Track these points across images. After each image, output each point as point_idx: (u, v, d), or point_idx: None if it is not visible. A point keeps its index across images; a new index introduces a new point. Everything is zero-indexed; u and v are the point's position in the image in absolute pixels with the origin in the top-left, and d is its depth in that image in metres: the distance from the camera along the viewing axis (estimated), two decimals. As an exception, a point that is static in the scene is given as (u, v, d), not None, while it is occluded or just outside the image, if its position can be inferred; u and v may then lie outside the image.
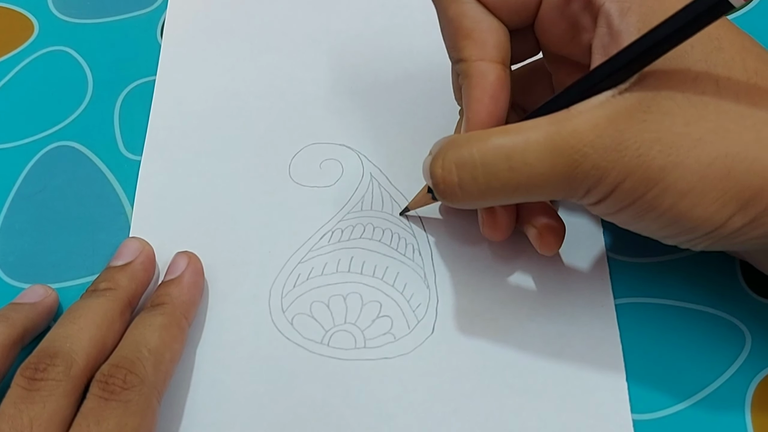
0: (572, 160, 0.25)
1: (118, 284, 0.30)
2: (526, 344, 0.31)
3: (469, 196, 0.27)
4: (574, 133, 0.25)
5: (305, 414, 0.30)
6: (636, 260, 0.33)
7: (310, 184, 0.35)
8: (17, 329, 0.29)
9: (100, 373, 0.27)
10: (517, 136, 0.26)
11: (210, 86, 0.39)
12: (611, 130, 0.24)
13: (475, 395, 0.30)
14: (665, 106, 0.25)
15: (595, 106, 0.25)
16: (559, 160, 0.25)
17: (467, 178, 0.26)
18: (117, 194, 0.36)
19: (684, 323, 0.31)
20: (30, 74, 0.40)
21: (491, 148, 0.26)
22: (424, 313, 0.32)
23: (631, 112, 0.25)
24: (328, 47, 0.40)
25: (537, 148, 0.25)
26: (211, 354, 0.31)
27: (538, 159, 0.25)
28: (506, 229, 0.31)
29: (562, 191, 0.26)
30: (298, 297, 0.32)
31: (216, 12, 0.41)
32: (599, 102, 0.25)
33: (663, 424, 0.29)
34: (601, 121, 0.25)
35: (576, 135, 0.25)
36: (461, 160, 0.26)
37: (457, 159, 0.27)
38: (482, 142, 0.26)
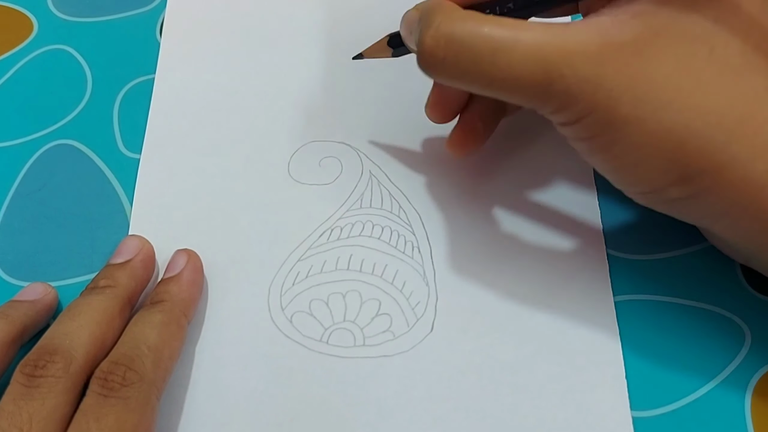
0: (550, 77, 0.25)
1: (117, 282, 0.30)
2: (526, 341, 0.31)
3: (448, 74, 0.27)
4: (562, 50, 0.25)
5: (304, 412, 0.30)
6: (635, 257, 0.33)
7: (310, 182, 0.35)
8: (16, 326, 0.29)
9: (99, 370, 0.27)
10: (509, 33, 0.26)
11: (209, 84, 0.39)
12: (595, 62, 0.25)
13: (475, 393, 0.30)
14: (653, 56, 0.25)
15: (591, 30, 0.25)
16: (539, 71, 0.25)
17: (452, 56, 0.26)
18: (116, 192, 0.36)
19: (683, 320, 0.31)
20: (29, 73, 0.40)
21: (482, 36, 0.26)
22: (423, 311, 0.32)
23: (621, 49, 0.25)
24: (327, 45, 0.40)
25: (523, 52, 0.25)
26: (211, 351, 0.31)
27: (520, 62, 0.25)
28: (447, 115, 0.32)
29: (533, 101, 0.26)
30: (297, 295, 0.32)
31: (215, 10, 0.41)
32: (597, 28, 0.25)
33: (663, 421, 0.29)
34: (592, 48, 0.25)
35: (562, 53, 0.25)
36: (452, 36, 0.26)
37: (449, 34, 0.26)
38: (476, 26, 0.26)
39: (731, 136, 0.25)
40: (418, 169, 0.35)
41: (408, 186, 0.35)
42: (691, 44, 0.25)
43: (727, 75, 0.25)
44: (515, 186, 0.35)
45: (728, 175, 0.25)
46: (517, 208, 0.34)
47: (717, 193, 0.25)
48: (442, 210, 0.34)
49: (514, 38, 0.25)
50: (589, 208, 0.34)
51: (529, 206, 0.34)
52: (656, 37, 0.25)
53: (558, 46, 0.25)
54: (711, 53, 0.25)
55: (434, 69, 0.27)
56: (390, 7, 0.41)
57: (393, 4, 0.41)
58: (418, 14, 0.28)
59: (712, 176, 0.25)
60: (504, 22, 0.26)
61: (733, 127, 0.25)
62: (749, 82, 0.25)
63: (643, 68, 0.25)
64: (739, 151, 0.25)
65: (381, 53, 0.33)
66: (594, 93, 0.25)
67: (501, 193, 0.34)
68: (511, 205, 0.34)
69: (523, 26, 0.26)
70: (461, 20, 0.26)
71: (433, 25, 0.27)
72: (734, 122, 0.25)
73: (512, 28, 0.26)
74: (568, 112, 0.26)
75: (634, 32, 0.25)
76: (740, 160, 0.25)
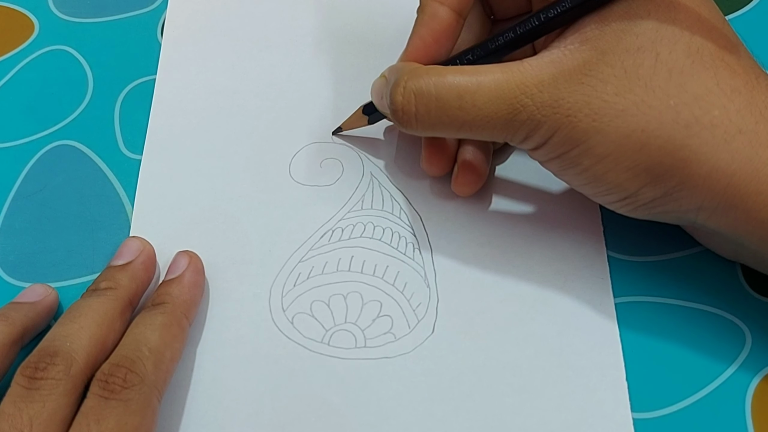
0: (514, 109, 0.28)
1: (118, 284, 0.30)
2: (526, 343, 0.31)
3: (422, 126, 0.29)
4: (521, 85, 0.27)
5: (305, 413, 0.30)
6: (636, 259, 0.33)
7: (311, 183, 0.35)
8: (17, 328, 0.29)
9: (100, 372, 0.27)
10: (471, 78, 0.28)
11: (210, 85, 0.39)
12: (552, 88, 0.27)
13: (476, 394, 0.30)
14: (603, 73, 0.27)
15: (544, 63, 0.28)
16: (503, 106, 0.28)
17: (423, 109, 0.29)
18: (117, 193, 0.36)
19: (684, 322, 0.31)
20: (30, 73, 0.40)
21: (446, 84, 0.28)
22: (424, 312, 0.32)
23: (572, 74, 0.27)
24: (328, 46, 0.40)
25: (486, 93, 0.28)
26: (212, 353, 0.31)
27: (485, 102, 0.28)
28: (443, 166, 0.34)
29: (503, 134, 0.29)
30: (298, 296, 0.32)
31: (216, 11, 0.41)
32: (549, 59, 0.28)
33: (663, 422, 0.29)
34: (546, 78, 0.27)
35: (521, 87, 0.27)
36: (420, 90, 0.29)
37: (417, 89, 0.29)
38: (439, 78, 0.29)
39: (689, 132, 0.26)
40: (418, 171, 0.35)
41: (409, 187, 0.35)
42: (636, 55, 0.27)
43: (675, 77, 0.27)
44: (516, 188, 0.35)
45: (695, 168, 0.26)
46: (518, 210, 0.34)
47: (689, 187, 0.27)
48: (443, 212, 0.34)
49: (476, 82, 0.28)
50: (589, 210, 0.34)
51: (530, 208, 0.34)
52: (603, 56, 0.27)
53: (516, 82, 0.27)
54: (657, 60, 0.27)
55: (409, 123, 0.30)
56: (390, 7, 0.41)
57: (393, 4, 0.41)
58: (385, 80, 0.31)
59: (680, 172, 0.26)
60: (464, 70, 0.28)
61: (690, 123, 0.26)
62: (699, 80, 0.27)
63: (594, 85, 0.27)
64: (700, 144, 0.26)
65: (357, 123, 0.35)
66: (554, 114, 0.27)
67: (501, 195, 0.35)
68: (511, 207, 0.34)
69: (482, 70, 0.28)
70: (426, 74, 0.29)
71: (401, 84, 0.29)
72: (690, 119, 0.26)
73: (473, 73, 0.28)
74: (536, 137, 0.28)
75: (583, 56, 0.27)
76: (703, 153, 0.26)
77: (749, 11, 0.41)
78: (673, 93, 0.26)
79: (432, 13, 0.30)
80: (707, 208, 0.27)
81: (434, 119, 0.29)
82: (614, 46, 0.27)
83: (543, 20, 0.28)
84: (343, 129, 0.36)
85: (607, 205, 0.30)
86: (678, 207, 0.28)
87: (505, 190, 0.35)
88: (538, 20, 0.28)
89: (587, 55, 0.27)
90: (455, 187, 0.33)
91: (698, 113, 0.26)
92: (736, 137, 0.26)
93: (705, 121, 0.26)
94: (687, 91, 0.26)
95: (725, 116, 0.26)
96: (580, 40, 0.28)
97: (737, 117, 0.26)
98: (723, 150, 0.26)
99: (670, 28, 0.27)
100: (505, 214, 0.34)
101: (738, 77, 0.27)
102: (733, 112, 0.26)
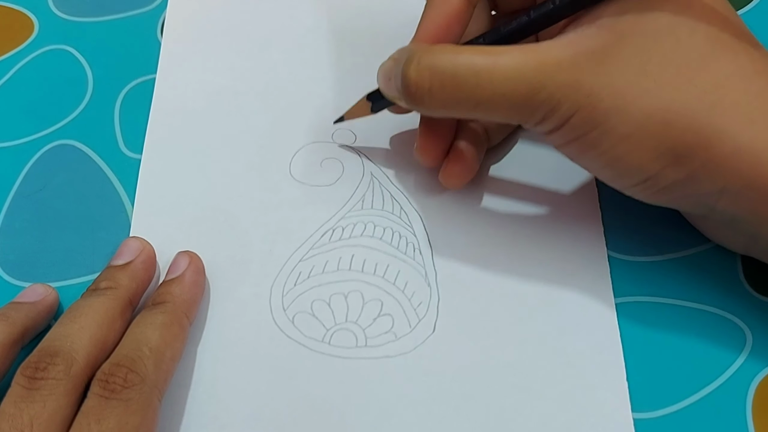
0: (532, 88, 0.27)
1: (118, 283, 0.30)
2: (527, 343, 0.31)
3: (435, 103, 0.29)
4: (540, 64, 0.27)
5: (306, 412, 0.30)
6: (636, 259, 0.33)
7: (311, 183, 0.35)
8: (17, 328, 0.29)
9: (100, 371, 0.27)
10: (488, 57, 0.28)
11: (210, 84, 0.39)
12: (572, 68, 0.27)
13: (476, 394, 0.30)
14: (624, 54, 0.27)
15: (562, 44, 0.27)
16: (521, 85, 0.27)
17: (437, 85, 0.28)
18: (117, 193, 0.35)
19: (685, 322, 0.31)
20: (30, 73, 0.40)
21: (463, 61, 0.28)
22: (425, 311, 0.32)
23: (593, 54, 0.27)
24: (328, 45, 0.40)
25: (503, 71, 0.27)
26: (212, 353, 0.31)
27: (502, 80, 0.27)
28: (437, 156, 0.33)
29: (520, 114, 0.28)
30: (299, 295, 0.32)
31: (216, 10, 0.41)
32: (568, 40, 0.27)
33: (664, 422, 0.29)
34: (565, 58, 0.27)
35: (540, 66, 0.27)
36: (434, 67, 0.28)
37: (431, 65, 0.28)
38: (456, 54, 0.28)
39: (713, 111, 0.26)
40: (419, 171, 0.35)
41: (409, 187, 0.35)
42: (656, 38, 0.27)
43: (696, 60, 0.27)
44: (516, 188, 0.35)
45: (719, 148, 0.26)
46: (518, 210, 0.34)
47: (712, 168, 0.26)
48: (443, 211, 0.34)
49: (493, 60, 0.27)
50: (590, 209, 0.34)
51: (530, 208, 0.34)
52: (622, 38, 0.27)
53: (535, 61, 0.27)
54: (677, 43, 0.27)
55: (422, 101, 0.29)
56: (390, 7, 0.41)
57: (393, 4, 0.41)
58: (395, 62, 0.30)
59: (704, 151, 0.26)
60: (481, 49, 0.28)
61: (714, 103, 0.26)
62: (720, 63, 0.27)
63: (615, 66, 0.27)
64: (724, 123, 0.26)
65: (361, 112, 0.35)
66: (575, 94, 0.27)
67: (502, 195, 0.34)
68: (512, 206, 0.34)
69: (500, 50, 0.28)
70: (440, 52, 0.29)
71: (414, 60, 0.29)
72: (714, 99, 0.26)
73: (490, 52, 0.28)
74: (554, 118, 0.28)
75: (602, 39, 0.27)
76: (727, 132, 0.26)
77: (750, 11, 0.41)
78: (695, 74, 0.26)
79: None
80: (729, 191, 0.27)
81: (449, 96, 0.28)
82: (633, 29, 0.27)
83: (559, 4, 0.28)
84: (345, 118, 0.36)
85: (625, 189, 0.29)
86: (700, 189, 0.27)
87: (506, 190, 0.35)
88: (553, 3, 0.28)
89: (606, 38, 0.27)
90: (443, 176, 0.33)
91: (721, 93, 0.26)
92: (759, 118, 0.26)
93: (728, 102, 0.26)
94: (709, 72, 0.26)
95: (747, 98, 0.26)
96: (596, 26, 0.27)
97: (759, 99, 0.26)
98: (747, 130, 0.26)
99: (687, 17, 0.27)
100: (506, 213, 0.34)
101: (758, 61, 0.27)
102: (754, 94, 0.26)
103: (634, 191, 0.29)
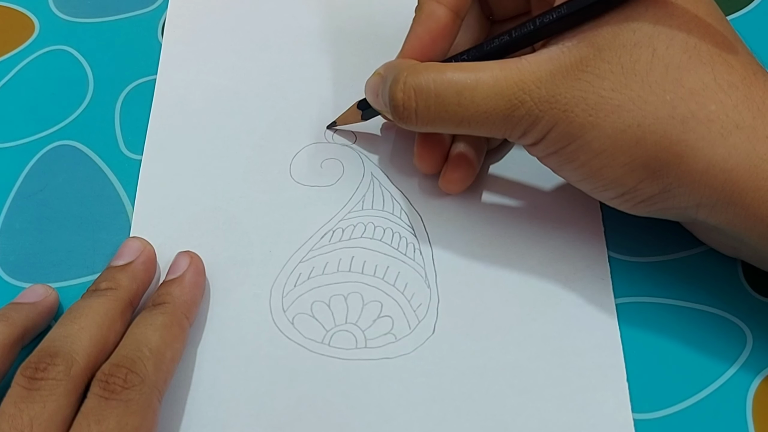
0: (512, 105, 0.28)
1: (119, 284, 0.30)
2: (527, 344, 0.31)
3: (422, 122, 0.30)
4: (519, 81, 0.28)
5: (306, 414, 0.30)
6: (637, 259, 0.33)
7: (311, 184, 0.35)
8: (17, 329, 0.29)
9: (100, 372, 0.27)
10: (469, 75, 0.28)
11: (211, 85, 0.39)
12: (549, 84, 0.27)
13: (476, 395, 0.30)
14: (600, 69, 0.27)
15: (542, 60, 0.28)
16: (501, 102, 0.28)
17: (422, 105, 0.29)
18: (118, 193, 0.36)
19: (685, 323, 0.31)
20: (31, 73, 0.40)
21: (445, 81, 0.29)
22: (425, 313, 0.32)
23: (570, 70, 0.27)
24: (328, 45, 0.40)
25: (484, 89, 0.28)
26: (212, 353, 0.31)
27: (483, 99, 0.28)
28: (435, 163, 0.34)
29: (502, 130, 0.29)
30: (299, 296, 0.32)
31: (216, 11, 0.41)
32: (548, 55, 0.28)
33: (664, 423, 0.29)
34: (544, 75, 0.27)
35: (519, 83, 0.28)
36: (419, 87, 0.29)
37: (416, 85, 0.29)
38: (438, 74, 0.29)
39: (685, 127, 0.26)
40: (419, 171, 0.35)
41: (409, 188, 0.35)
42: (633, 51, 0.27)
43: (672, 72, 0.27)
44: (516, 188, 0.35)
45: (691, 164, 0.26)
46: (519, 211, 0.34)
47: (686, 183, 0.27)
48: (444, 212, 0.34)
49: (475, 78, 0.28)
50: (590, 210, 0.34)
51: (531, 209, 0.34)
52: (600, 52, 0.27)
53: (514, 78, 0.28)
54: (654, 55, 0.27)
55: (408, 119, 0.30)
56: (391, 7, 0.41)
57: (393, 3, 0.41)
58: (381, 78, 0.31)
59: (676, 168, 0.27)
60: (463, 66, 0.29)
61: (686, 119, 0.26)
62: (696, 75, 0.27)
63: (590, 81, 0.27)
64: (696, 139, 0.26)
65: (352, 118, 0.35)
66: (552, 109, 0.27)
67: (502, 196, 0.34)
68: (512, 207, 0.34)
69: (481, 67, 0.28)
70: (425, 71, 0.29)
71: (401, 80, 0.29)
72: (686, 114, 0.26)
73: (471, 70, 0.28)
74: (534, 132, 0.28)
75: (580, 53, 0.27)
76: (699, 148, 0.26)
77: (750, 12, 0.41)
78: (669, 88, 0.27)
79: (429, 12, 0.31)
80: (706, 205, 0.27)
81: (434, 115, 0.29)
82: (611, 42, 0.27)
83: (538, 25, 0.28)
84: (338, 124, 0.36)
85: (607, 201, 0.30)
86: (677, 203, 0.28)
87: (506, 191, 0.35)
88: (533, 25, 0.29)
89: (584, 52, 0.27)
90: (443, 183, 0.34)
91: (695, 108, 0.26)
92: (733, 132, 0.26)
93: (701, 116, 0.26)
94: (684, 86, 0.26)
95: (722, 111, 0.26)
96: (577, 38, 0.28)
97: (734, 112, 0.26)
98: (720, 145, 0.26)
99: (667, 27, 0.27)
100: (506, 214, 0.34)
101: (735, 73, 0.27)
102: (730, 107, 0.26)
103: (615, 203, 0.29)
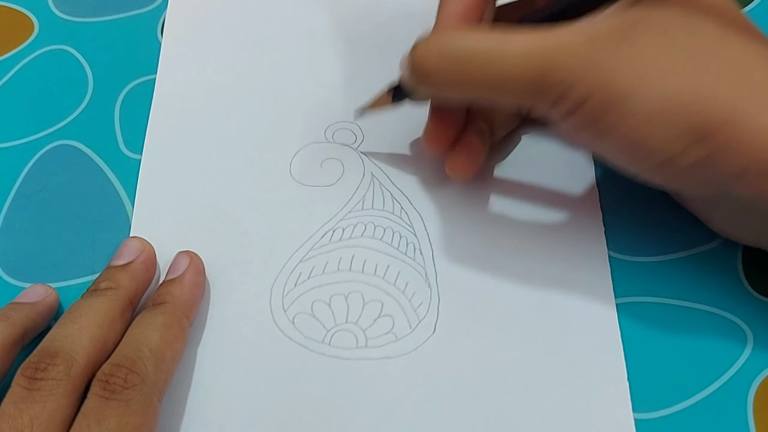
0: (545, 68, 0.26)
1: (119, 284, 0.30)
2: (528, 343, 0.31)
3: (442, 84, 0.29)
4: (554, 45, 0.27)
5: (306, 413, 0.30)
6: (637, 259, 0.33)
7: (311, 183, 0.35)
8: (17, 329, 0.29)
9: (101, 372, 0.27)
10: (501, 38, 0.27)
11: (211, 85, 0.39)
12: (588, 48, 0.26)
13: (477, 394, 0.30)
14: (641, 37, 0.26)
15: (577, 28, 0.27)
16: (533, 66, 0.27)
17: (445, 65, 0.28)
18: (117, 193, 0.35)
19: (685, 322, 0.31)
20: (30, 73, 0.40)
21: (472, 43, 0.28)
22: (425, 312, 0.32)
23: (609, 36, 0.26)
24: (328, 45, 0.40)
25: (515, 52, 0.27)
26: (213, 353, 0.31)
27: (514, 62, 0.27)
28: (444, 144, 0.32)
29: (531, 96, 0.27)
30: (299, 296, 0.32)
31: (216, 10, 0.41)
32: (581, 26, 0.27)
33: (665, 423, 0.29)
34: (581, 40, 0.26)
35: (554, 47, 0.26)
36: (443, 48, 0.28)
37: (440, 46, 0.28)
38: (466, 35, 0.28)
39: (732, 91, 0.26)
40: (419, 171, 0.35)
41: (410, 187, 0.35)
42: (669, 27, 0.27)
43: (713, 44, 0.27)
44: (517, 188, 0.35)
45: (740, 127, 0.26)
46: (519, 210, 0.34)
47: (733, 147, 0.26)
48: (444, 212, 0.34)
49: (505, 40, 0.27)
50: (590, 210, 0.34)
51: (531, 208, 0.34)
52: (636, 25, 0.27)
53: (549, 42, 0.27)
54: (692, 29, 0.27)
55: (427, 78, 0.29)
56: (392, 6, 0.41)
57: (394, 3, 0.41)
58: None
59: (726, 131, 0.26)
60: (492, 30, 0.28)
61: (732, 83, 0.26)
62: (736, 46, 0.27)
63: (633, 48, 0.26)
64: (744, 103, 0.26)
65: (382, 102, 0.34)
66: (591, 75, 0.26)
67: (502, 195, 0.34)
68: (512, 206, 0.34)
69: (513, 30, 0.27)
70: (451, 32, 0.28)
71: (424, 42, 0.29)
72: (733, 80, 0.26)
73: (501, 32, 0.27)
74: (568, 101, 0.27)
75: (616, 23, 0.27)
76: (748, 113, 0.26)
77: (750, 11, 0.41)
78: (712, 57, 0.26)
79: None
80: (750, 172, 0.26)
81: (457, 77, 0.28)
82: (645, 18, 0.27)
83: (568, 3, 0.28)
84: (366, 110, 0.35)
85: (641, 173, 0.28)
86: (719, 171, 0.27)
87: (507, 190, 0.35)
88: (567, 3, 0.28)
89: (620, 23, 0.27)
90: (449, 167, 0.33)
91: (739, 75, 0.26)
92: None
93: (746, 82, 0.26)
94: (727, 54, 0.26)
95: (766, 78, 0.26)
96: (606, 14, 0.27)
97: None
98: (766, 110, 0.26)
99: (696, 10, 0.27)
100: (507, 214, 0.34)
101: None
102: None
103: (651, 174, 0.28)
